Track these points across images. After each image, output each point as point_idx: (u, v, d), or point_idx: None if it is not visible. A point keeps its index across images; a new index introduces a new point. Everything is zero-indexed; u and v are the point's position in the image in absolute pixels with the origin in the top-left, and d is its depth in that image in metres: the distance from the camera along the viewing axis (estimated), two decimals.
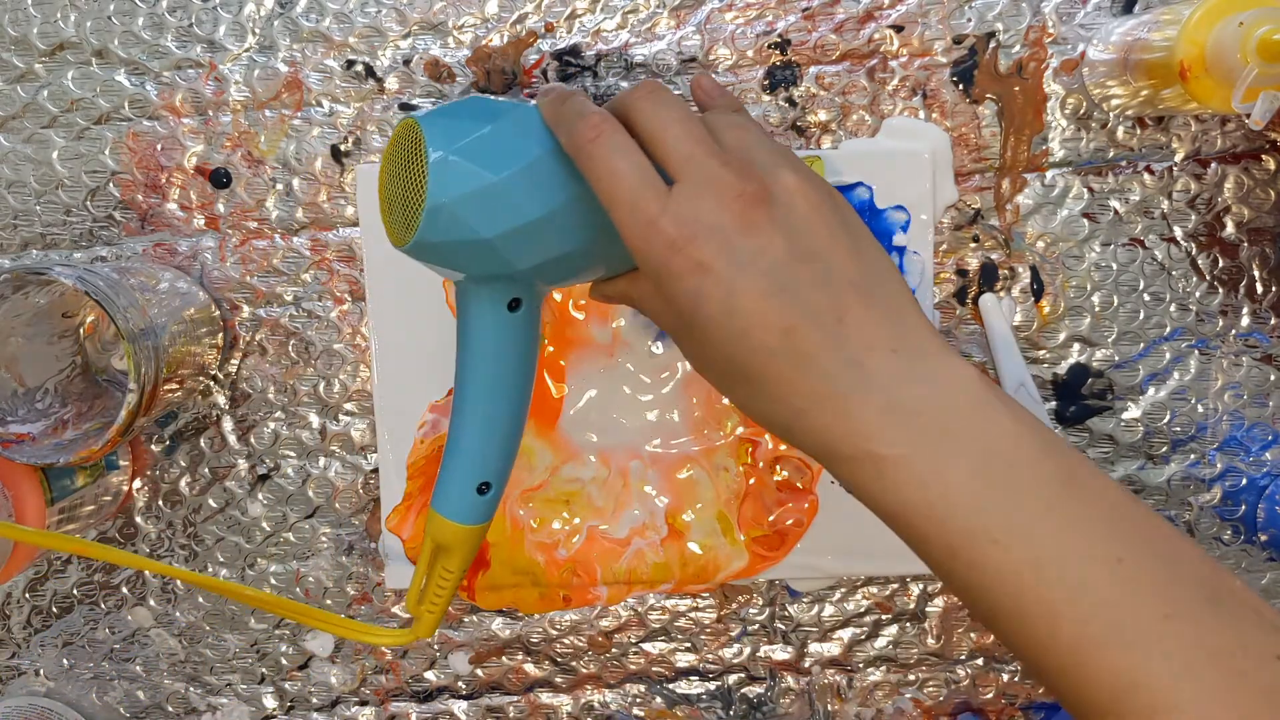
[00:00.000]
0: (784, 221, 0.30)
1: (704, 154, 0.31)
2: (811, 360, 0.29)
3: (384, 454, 0.47)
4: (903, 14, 0.46)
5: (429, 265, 0.35)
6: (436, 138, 0.32)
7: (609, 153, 0.31)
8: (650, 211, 0.30)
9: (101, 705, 0.50)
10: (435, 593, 0.39)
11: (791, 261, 0.30)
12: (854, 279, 0.30)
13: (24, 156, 0.47)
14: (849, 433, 0.29)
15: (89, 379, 0.47)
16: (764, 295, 0.29)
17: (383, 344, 0.47)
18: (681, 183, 0.30)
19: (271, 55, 0.47)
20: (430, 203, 0.32)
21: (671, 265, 0.30)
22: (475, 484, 0.37)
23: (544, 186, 0.33)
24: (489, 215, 0.32)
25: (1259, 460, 0.48)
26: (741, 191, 0.30)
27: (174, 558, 0.49)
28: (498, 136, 0.33)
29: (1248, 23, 0.36)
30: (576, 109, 0.32)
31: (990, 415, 0.29)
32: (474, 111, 0.34)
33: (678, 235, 0.30)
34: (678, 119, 0.31)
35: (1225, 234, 0.47)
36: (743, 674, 0.50)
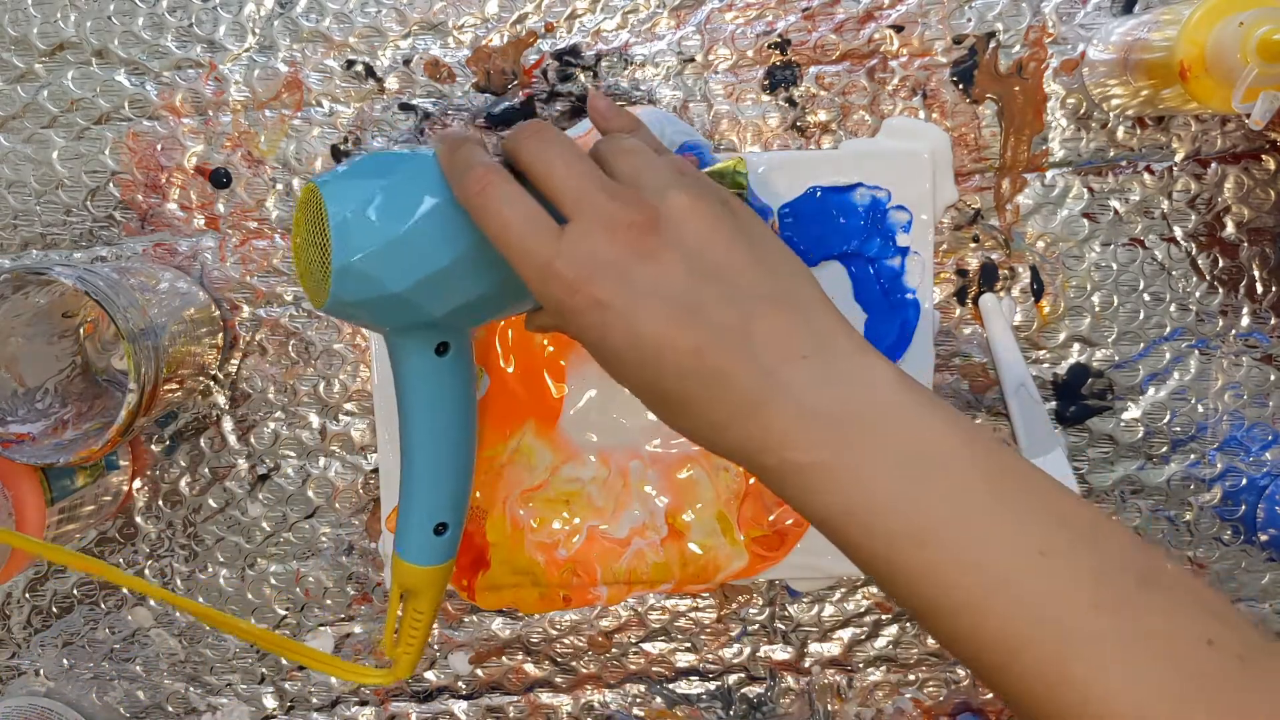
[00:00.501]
0: (678, 244, 0.30)
1: (591, 189, 0.30)
2: (725, 377, 0.29)
3: (384, 454, 0.47)
4: (903, 14, 0.46)
5: (352, 323, 0.36)
6: (335, 199, 0.33)
7: (497, 204, 0.31)
8: (544, 256, 0.30)
9: (101, 705, 0.50)
10: (410, 634, 0.40)
11: (692, 282, 0.29)
12: (759, 290, 0.30)
13: (24, 156, 0.47)
14: (769, 444, 0.29)
15: (89, 379, 0.47)
16: (667, 321, 0.29)
17: (382, 344, 0.47)
18: (573, 222, 0.30)
19: (271, 55, 0.47)
20: (337, 264, 0.33)
21: (571, 304, 0.30)
22: (431, 526, 0.38)
23: (446, 235, 0.33)
24: (396, 269, 0.33)
25: (1259, 460, 0.48)
26: (631, 222, 0.30)
27: (174, 558, 0.49)
28: (395, 191, 0.33)
29: (1248, 23, 0.36)
30: (465, 160, 0.32)
31: (909, 413, 0.29)
32: (372, 169, 0.34)
33: (574, 277, 0.29)
34: (562, 158, 0.31)
35: (1225, 234, 0.47)
36: (743, 674, 0.50)
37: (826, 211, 0.46)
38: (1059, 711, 0.27)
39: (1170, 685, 0.26)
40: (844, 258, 0.46)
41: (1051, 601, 0.27)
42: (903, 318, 0.46)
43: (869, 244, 0.46)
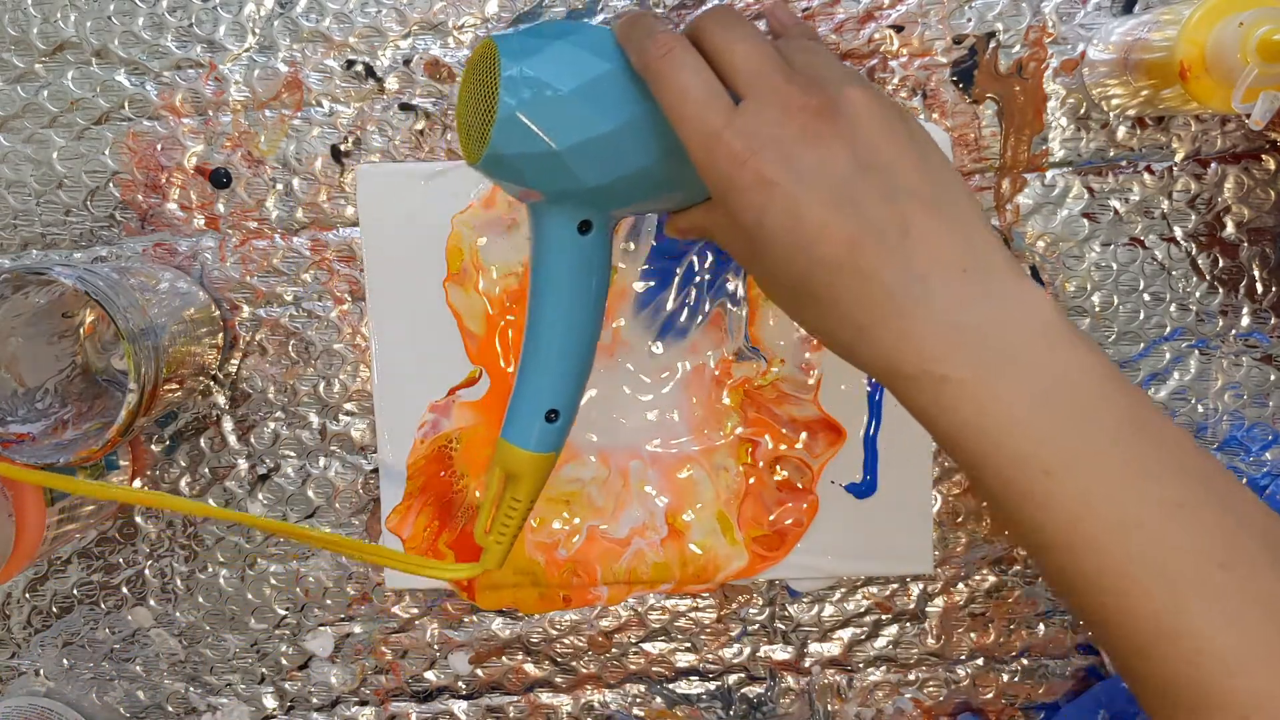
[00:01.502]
0: (849, 134, 0.30)
1: (770, 70, 0.31)
2: (875, 275, 0.29)
3: (384, 454, 0.47)
4: (903, 14, 0.46)
5: (501, 184, 0.36)
6: (511, 53, 0.33)
7: (676, 69, 0.31)
8: (715, 125, 0.30)
9: (101, 705, 0.50)
10: (504, 522, 0.39)
11: (856, 174, 0.29)
12: (920, 192, 0.29)
13: (24, 156, 0.47)
14: (911, 351, 0.28)
15: (89, 379, 0.47)
16: (828, 207, 0.29)
17: (383, 344, 0.47)
18: (748, 99, 0.30)
19: (271, 55, 0.47)
20: (501, 114, 0.33)
21: (736, 180, 0.30)
22: (544, 411, 0.38)
23: (613, 101, 0.34)
24: (559, 127, 0.33)
25: (1259, 460, 0.48)
26: (805, 104, 0.30)
27: (174, 558, 0.49)
28: (570, 52, 0.34)
29: (1248, 23, 0.36)
30: (647, 27, 0.33)
31: (1058, 344, 0.28)
32: (550, 31, 0.34)
33: (742, 149, 0.29)
34: (745, 37, 0.32)
35: (1225, 234, 0.47)
36: (743, 674, 0.50)
37: None
38: (1165, 659, 0.26)
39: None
40: None
41: (1179, 553, 0.27)
42: None
43: None
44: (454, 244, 0.46)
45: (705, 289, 0.47)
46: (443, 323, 0.47)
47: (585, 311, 0.38)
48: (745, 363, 0.47)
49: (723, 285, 0.47)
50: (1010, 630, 0.49)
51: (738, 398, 0.47)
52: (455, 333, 0.47)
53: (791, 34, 0.36)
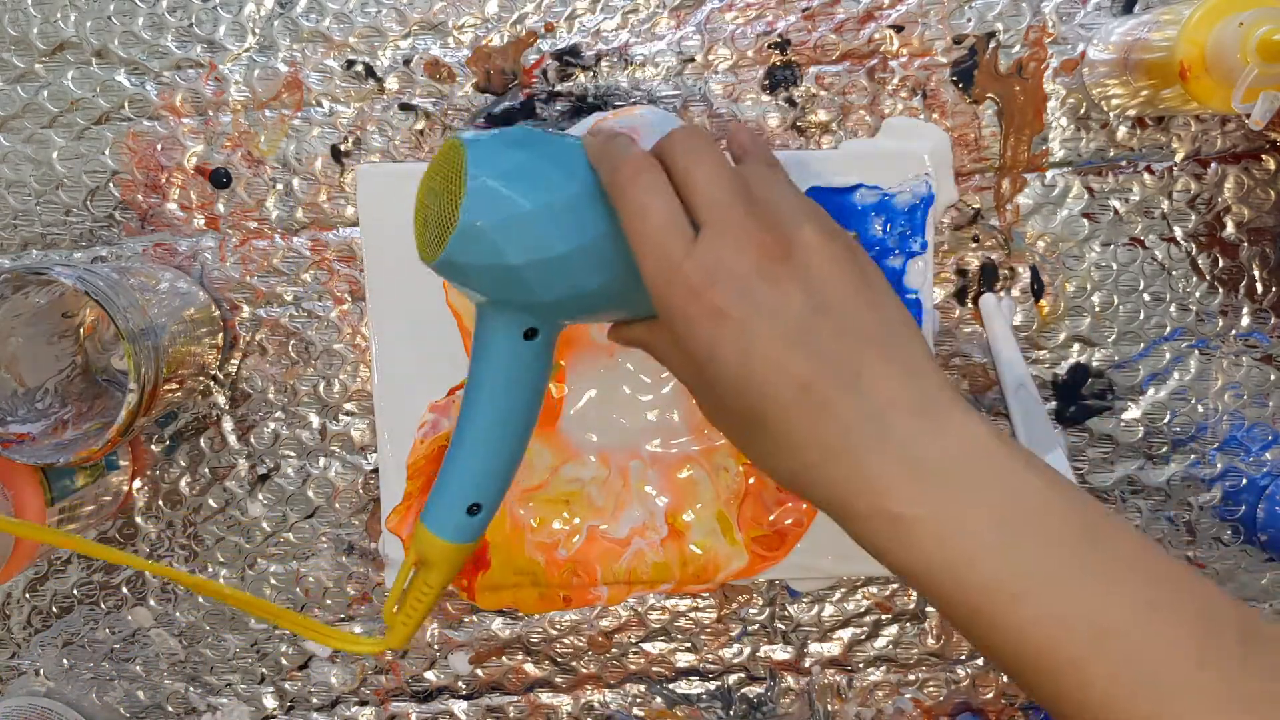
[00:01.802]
0: (804, 275, 0.30)
1: (730, 200, 0.31)
2: (829, 412, 0.29)
3: (384, 454, 0.47)
4: (903, 14, 0.46)
5: (453, 283, 0.35)
6: (479, 160, 0.33)
7: (645, 193, 0.31)
8: (675, 254, 0.30)
9: (101, 705, 0.50)
10: (413, 604, 0.39)
11: (810, 314, 0.30)
12: (872, 333, 0.30)
13: (24, 156, 0.47)
14: (865, 490, 0.29)
15: (89, 379, 0.47)
16: (782, 346, 0.29)
17: (383, 344, 0.47)
18: (706, 228, 0.31)
19: (271, 55, 0.47)
20: (463, 222, 0.33)
21: (690, 310, 0.30)
22: (467, 504, 0.37)
23: (577, 222, 0.33)
24: (519, 243, 0.33)
25: (1259, 460, 0.48)
26: (762, 241, 0.30)
27: (174, 558, 0.49)
28: (539, 167, 0.34)
29: (1248, 23, 0.36)
30: (621, 148, 0.33)
31: (1007, 468, 0.29)
32: (519, 140, 0.34)
33: (699, 281, 0.30)
34: (710, 163, 0.32)
35: (1225, 234, 0.47)
36: (743, 674, 0.50)
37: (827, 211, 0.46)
38: None
39: None
40: None
41: (1158, 656, 0.27)
42: None
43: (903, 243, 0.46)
44: None
45: None
46: (443, 323, 0.47)
47: (520, 413, 0.37)
48: None
49: None
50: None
51: None
52: (455, 333, 0.47)
53: (752, 158, 0.36)
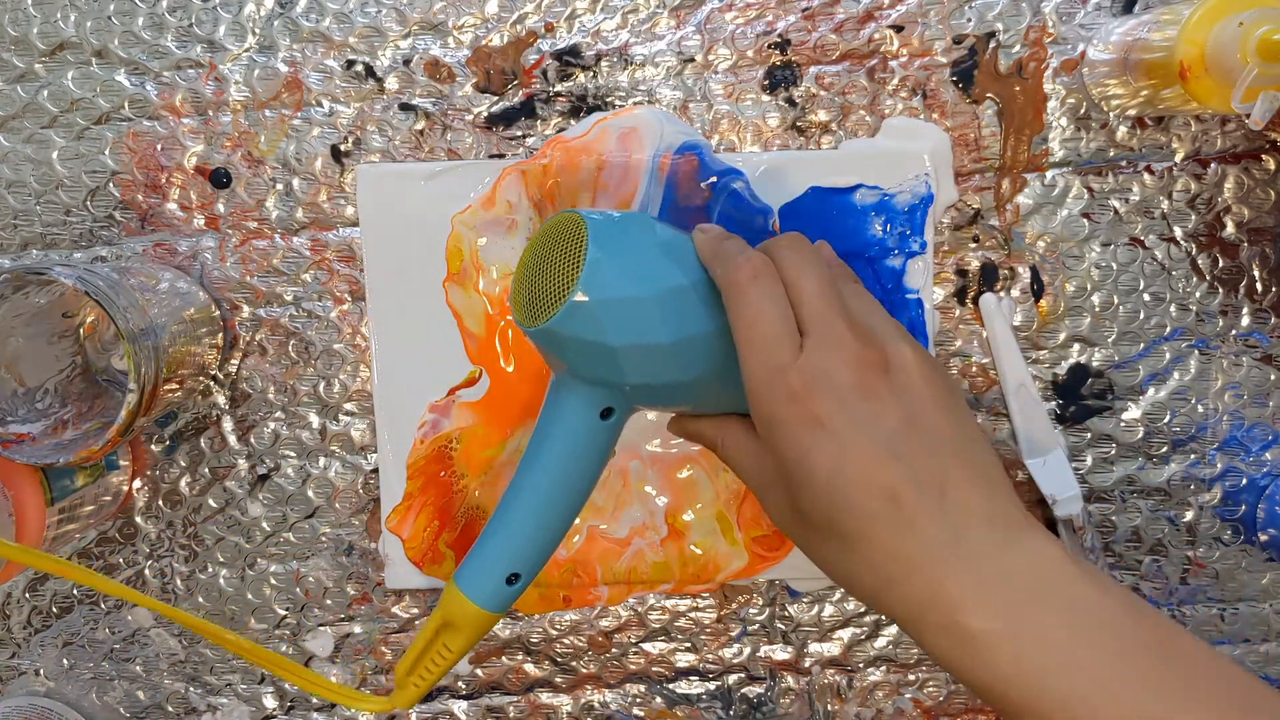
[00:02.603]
0: (901, 392, 0.31)
1: (834, 314, 0.32)
2: (912, 527, 0.30)
3: (384, 454, 0.47)
4: (903, 14, 0.46)
5: (542, 349, 0.36)
6: (599, 240, 0.34)
7: (760, 296, 0.33)
8: (782, 360, 0.32)
9: (101, 705, 0.50)
10: (428, 667, 0.38)
11: (904, 429, 0.31)
12: (957, 449, 0.31)
13: (24, 156, 0.47)
14: (940, 603, 0.29)
15: (89, 379, 0.47)
16: (875, 458, 0.30)
17: (383, 344, 0.47)
18: (811, 338, 0.32)
19: (271, 55, 0.47)
20: (574, 297, 0.33)
21: (788, 415, 0.31)
22: (508, 573, 0.37)
23: (682, 314, 0.34)
24: (623, 326, 0.34)
25: (1259, 460, 0.48)
26: (863, 357, 0.32)
27: (174, 558, 0.49)
28: (653, 256, 0.35)
29: (1248, 23, 0.36)
30: (738, 247, 0.34)
31: (1080, 586, 0.29)
32: (636, 226, 0.35)
33: (801, 388, 0.31)
34: (817, 275, 0.33)
35: (1225, 234, 0.47)
36: (743, 674, 0.50)
37: (827, 212, 0.46)
38: None
39: None
40: (844, 257, 0.46)
41: None
42: (906, 318, 0.46)
43: (903, 243, 0.46)
44: (454, 244, 0.46)
45: None
46: (443, 323, 0.47)
47: (578, 488, 0.37)
48: None
49: None
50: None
51: None
52: (455, 333, 0.47)
53: (839, 274, 0.37)
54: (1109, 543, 0.48)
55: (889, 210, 0.46)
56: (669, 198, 0.46)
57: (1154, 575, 0.49)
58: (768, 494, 0.34)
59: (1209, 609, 0.49)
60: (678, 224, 0.46)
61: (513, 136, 0.47)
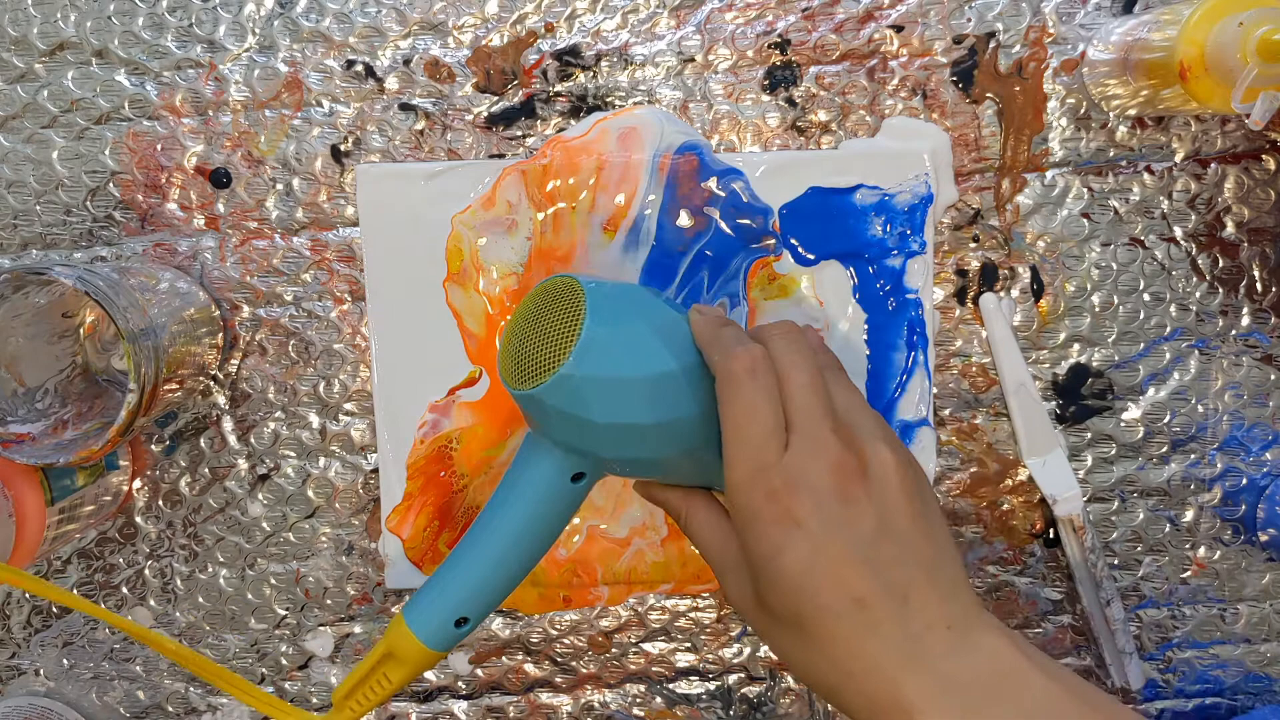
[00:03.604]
0: (878, 497, 0.32)
1: (821, 413, 0.33)
2: (875, 630, 0.31)
3: (384, 454, 0.47)
4: (903, 14, 0.46)
5: (523, 410, 0.36)
6: (597, 314, 0.34)
7: (756, 391, 0.33)
8: (767, 459, 0.32)
9: (101, 705, 0.50)
10: (366, 694, 0.38)
11: (876, 536, 0.32)
12: (925, 560, 0.32)
13: (24, 156, 0.47)
14: (899, 704, 0.30)
15: (89, 379, 0.47)
16: (847, 562, 0.31)
17: (383, 344, 0.47)
18: (796, 437, 0.33)
19: (271, 55, 0.47)
20: (564, 370, 0.33)
21: (767, 511, 0.32)
22: (457, 615, 0.37)
23: (668, 399, 0.34)
24: (609, 404, 0.34)
25: (1259, 460, 0.48)
26: (844, 462, 0.32)
27: (174, 558, 0.49)
28: (647, 336, 0.34)
29: (1247, 23, 0.36)
30: (736, 336, 0.35)
31: (1032, 679, 0.30)
32: (634, 302, 0.35)
33: (782, 486, 0.32)
34: (808, 369, 0.34)
35: (1225, 234, 0.47)
36: (743, 674, 0.50)
37: (827, 212, 0.46)
38: None
39: None
40: (844, 258, 0.46)
41: None
42: (906, 318, 0.46)
43: (903, 243, 0.46)
44: (454, 244, 0.46)
45: (705, 289, 0.47)
46: (443, 323, 0.47)
47: (539, 544, 0.37)
48: None
49: (723, 285, 0.47)
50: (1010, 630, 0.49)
51: None
52: (455, 333, 0.47)
53: (826, 365, 0.38)
54: (1109, 543, 0.48)
55: (889, 210, 0.46)
56: (669, 198, 0.46)
57: (1154, 575, 0.49)
58: (728, 575, 0.35)
59: (1209, 609, 0.49)
60: (678, 224, 0.46)
61: (513, 136, 0.47)
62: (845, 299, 0.46)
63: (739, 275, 0.47)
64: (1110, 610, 0.47)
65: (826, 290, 0.46)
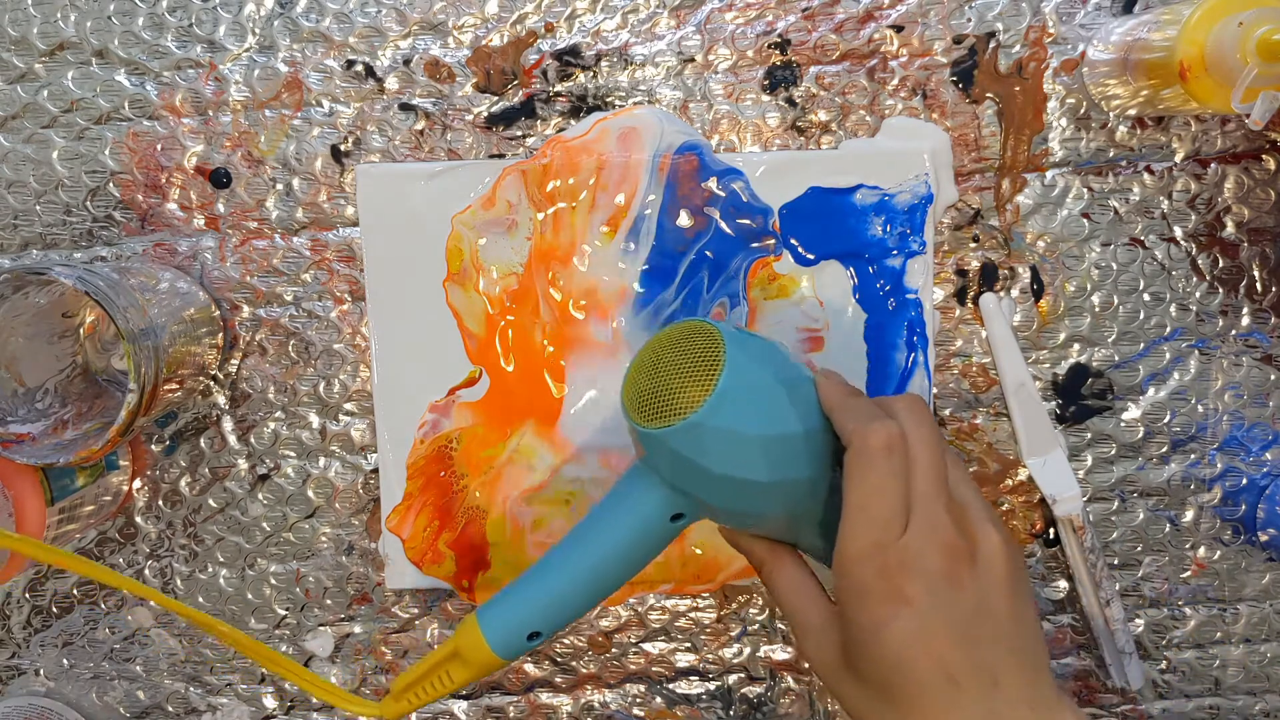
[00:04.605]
0: (982, 581, 0.33)
1: (940, 496, 0.34)
2: (961, 706, 0.32)
3: (384, 454, 0.47)
4: (903, 14, 0.46)
5: (641, 447, 0.36)
6: (735, 368, 0.34)
7: (888, 471, 0.33)
8: (886, 538, 0.33)
9: (101, 705, 0.50)
10: (425, 688, 0.38)
11: (975, 617, 0.33)
12: (1016, 644, 0.33)
13: (24, 156, 0.47)
14: None
15: (89, 379, 0.47)
16: (947, 641, 0.32)
17: (383, 344, 0.47)
18: (916, 518, 0.33)
19: (271, 55, 0.47)
20: (693, 418, 0.33)
21: (875, 587, 0.33)
22: (532, 629, 0.37)
23: (787, 460, 0.34)
24: (730, 457, 0.34)
25: (1259, 460, 0.48)
26: (956, 546, 0.33)
27: (174, 558, 0.49)
28: (778, 395, 0.34)
29: (1247, 23, 0.36)
30: (871, 410, 0.35)
31: None
32: (769, 359, 0.35)
33: (895, 565, 0.33)
34: (933, 452, 0.34)
35: (1225, 234, 0.47)
36: (743, 674, 0.50)
37: (827, 212, 0.46)
38: None
39: None
40: (844, 258, 0.46)
41: None
42: (906, 318, 0.46)
43: (903, 243, 0.46)
44: (454, 244, 0.46)
45: (705, 289, 0.47)
46: (443, 323, 0.47)
47: (624, 572, 0.37)
48: None
49: (723, 285, 0.47)
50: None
51: None
52: (455, 333, 0.47)
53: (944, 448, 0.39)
54: (1109, 543, 0.48)
55: (889, 210, 0.46)
56: (669, 198, 0.46)
57: (1154, 575, 0.49)
58: (811, 636, 0.36)
59: (1209, 609, 0.49)
60: (678, 224, 0.46)
61: (513, 136, 0.47)
62: (845, 299, 0.46)
63: (739, 275, 0.47)
64: (1110, 610, 0.47)
65: (826, 290, 0.46)
